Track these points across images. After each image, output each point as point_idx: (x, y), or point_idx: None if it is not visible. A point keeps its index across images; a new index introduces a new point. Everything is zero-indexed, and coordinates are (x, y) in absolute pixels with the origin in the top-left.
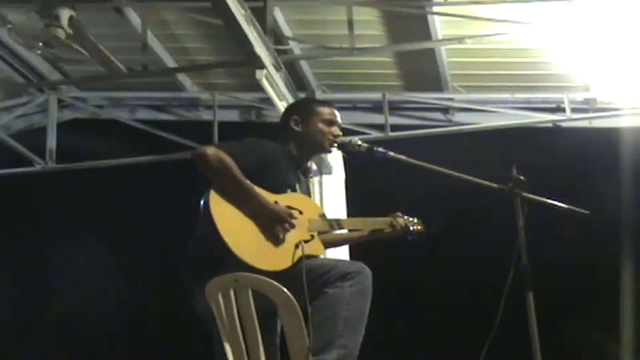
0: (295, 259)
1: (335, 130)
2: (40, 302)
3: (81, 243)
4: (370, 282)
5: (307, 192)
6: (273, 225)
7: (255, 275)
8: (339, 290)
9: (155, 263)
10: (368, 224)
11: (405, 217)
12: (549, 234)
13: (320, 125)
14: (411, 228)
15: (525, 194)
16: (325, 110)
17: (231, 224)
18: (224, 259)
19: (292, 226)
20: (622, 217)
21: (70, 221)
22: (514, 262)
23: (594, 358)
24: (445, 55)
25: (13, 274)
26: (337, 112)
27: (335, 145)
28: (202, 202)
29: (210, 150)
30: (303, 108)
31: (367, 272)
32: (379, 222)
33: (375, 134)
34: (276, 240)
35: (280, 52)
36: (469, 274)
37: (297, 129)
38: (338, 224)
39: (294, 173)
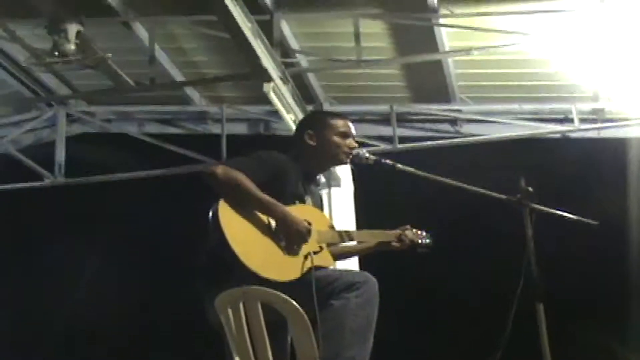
0: (304, 270)
1: (351, 142)
2: (47, 315)
3: (90, 257)
4: (376, 291)
5: (319, 204)
6: (289, 235)
7: (265, 289)
8: (345, 301)
9: (164, 276)
10: (377, 236)
11: (414, 230)
12: (557, 243)
13: (335, 138)
14: (420, 241)
15: (534, 205)
16: (339, 123)
17: (240, 234)
18: (232, 269)
19: (306, 241)
20: (631, 227)
21: (80, 235)
22: (524, 272)
23: None
24: (453, 66)
25: (21, 287)
26: (351, 124)
27: (352, 157)
28: (211, 213)
29: (220, 169)
30: (317, 122)
31: (373, 281)
32: (388, 235)
33: (383, 146)
34: (285, 250)
35: (288, 65)
36: (477, 284)
37: (312, 142)
38: (348, 235)
39: (304, 185)
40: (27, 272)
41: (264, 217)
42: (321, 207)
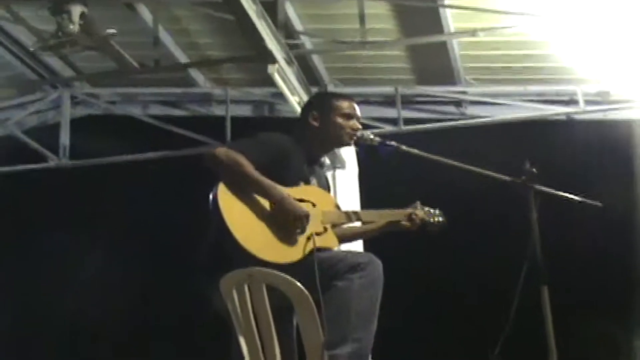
0: (306, 252)
1: (355, 124)
2: (49, 300)
3: (94, 240)
4: (380, 272)
5: (326, 185)
6: (286, 220)
7: (269, 271)
8: (349, 282)
9: (167, 259)
10: (386, 216)
11: (425, 209)
12: (561, 228)
13: (339, 120)
14: (431, 220)
15: (539, 187)
16: (343, 104)
17: (240, 217)
18: (233, 253)
19: (303, 230)
20: (637, 211)
21: (83, 217)
22: (528, 255)
23: (607, 353)
24: (458, 48)
25: (23, 271)
26: (356, 106)
27: (355, 138)
28: (210, 196)
29: (221, 151)
30: (321, 103)
31: (377, 263)
32: (397, 214)
33: (388, 128)
34: (287, 233)
35: (292, 47)
36: (480, 267)
37: (316, 124)
38: (355, 215)
39: (309, 166)
40: (30, 255)
41: (263, 199)
42: (327, 189)
